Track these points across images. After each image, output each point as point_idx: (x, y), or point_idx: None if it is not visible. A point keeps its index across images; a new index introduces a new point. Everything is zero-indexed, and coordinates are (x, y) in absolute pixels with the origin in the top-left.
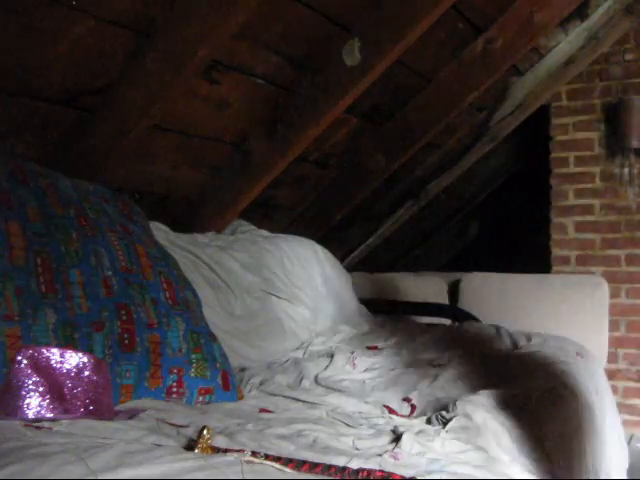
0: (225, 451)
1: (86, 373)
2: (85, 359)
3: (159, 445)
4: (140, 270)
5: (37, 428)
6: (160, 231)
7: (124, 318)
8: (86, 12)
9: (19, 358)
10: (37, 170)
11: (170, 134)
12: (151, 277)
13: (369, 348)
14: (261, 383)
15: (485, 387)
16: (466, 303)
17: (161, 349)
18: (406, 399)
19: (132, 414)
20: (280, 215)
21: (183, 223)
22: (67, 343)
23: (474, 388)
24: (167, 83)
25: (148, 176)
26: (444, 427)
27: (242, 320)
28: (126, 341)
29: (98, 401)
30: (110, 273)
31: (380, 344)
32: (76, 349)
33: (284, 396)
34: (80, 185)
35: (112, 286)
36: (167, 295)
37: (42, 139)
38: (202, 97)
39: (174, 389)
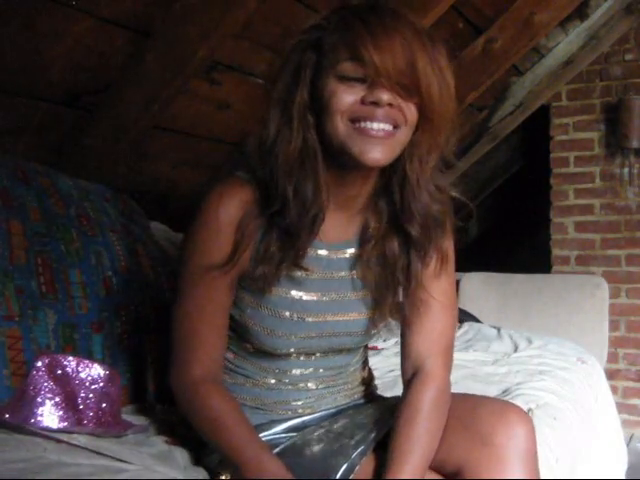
0: None
1: (100, 384)
2: (100, 371)
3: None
4: (140, 270)
5: (57, 442)
6: (160, 231)
7: (124, 319)
8: (86, 12)
9: (38, 365)
10: (37, 170)
11: (170, 134)
12: (151, 277)
13: (368, 348)
14: None
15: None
16: (466, 303)
17: (161, 350)
18: None
19: (140, 430)
20: None
21: (183, 223)
22: (67, 344)
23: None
24: (167, 83)
25: (148, 176)
26: None
27: None
28: (126, 342)
29: (110, 413)
30: (110, 273)
31: (380, 344)
32: (92, 360)
33: None
34: (80, 185)
35: (112, 286)
36: (167, 295)
37: (42, 139)
38: (202, 97)
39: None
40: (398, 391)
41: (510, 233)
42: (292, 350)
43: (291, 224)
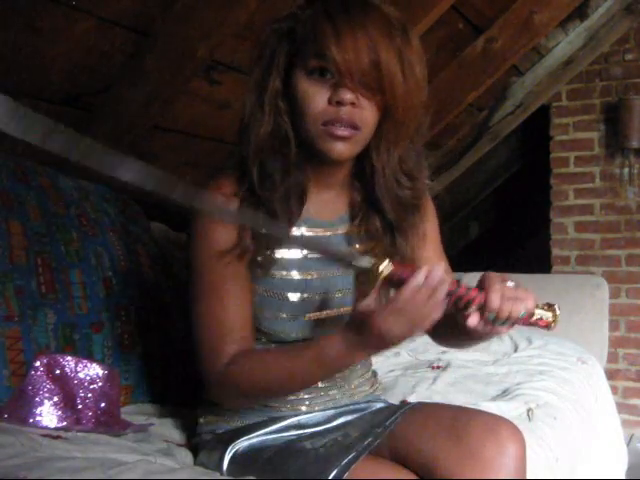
0: None
1: (99, 384)
2: (99, 370)
3: (179, 467)
4: (140, 270)
5: (54, 438)
6: (160, 231)
7: (124, 319)
8: (86, 12)
9: (37, 365)
10: (37, 170)
11: (170, 134)
12: (151, 277)
13: None
14: None
15: (483, 394)
16: None
17: (160, 350)
18: (403, 402)
19: (140, 429)
20: None
21: (183, 223)
22: (67, 344)
23: (472, 394)
24: (167, 83)
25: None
26: None
27: None
28: (126, 342)
29: (109, 412)
30: (110, 273)
31: None
32: (90, 359)
33: None
34: (80, 185)
35: (112, 286)
36: (167, 295)
37: None
38: (202, 97)
39: (173, 390)
40: (398, 391)
41: (510, 233)
42: (303, 333)
43: (265, 202)
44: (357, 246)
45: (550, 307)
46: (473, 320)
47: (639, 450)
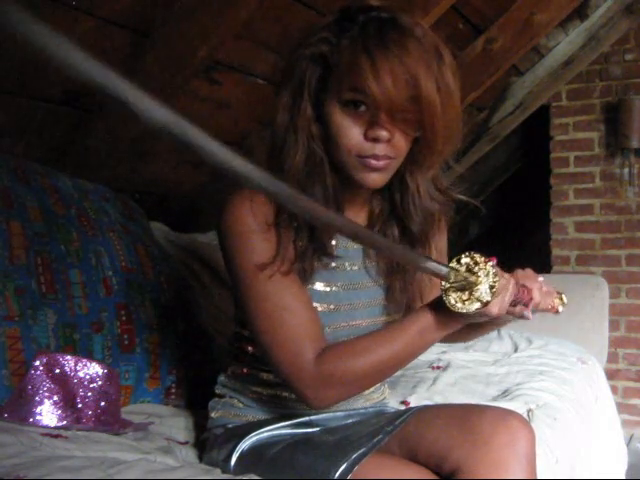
0: None
1: (99, 383)
2: (98, 369)
3: (180, 466)
4: (140, 270)
5: (54, 437)
6: (160, 231)
7: (124, 319)
8: (86, 12)
9: (36, 364)
10: (37, 170)
11: None
12: (151, 277)
13: None
14: None
15: (483, 394)
16: None
17: (160, 350)
18: (404, 402)
19: (140, 428)
20: None
21: (183, 223)
22: (67, 344)
23: (472, 394)
24: (167, 83)
25: (148, 176)
26: None
27: None
28: (126, 342)
29: (109, 412)
30: (110, 273)
31: None
32: (90, 359)
33: None
34: (80, 185)
35: (112, 286)
36: (167, 295)
37: (42, 139)
38: (202, 97)
39: (173, 390)
40: (398, 392)
41: (510, 233)
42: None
43: (304, 227)
44: (370, 259)
45: (559, 294)
46: (528, 315)
47: (639, 450)
